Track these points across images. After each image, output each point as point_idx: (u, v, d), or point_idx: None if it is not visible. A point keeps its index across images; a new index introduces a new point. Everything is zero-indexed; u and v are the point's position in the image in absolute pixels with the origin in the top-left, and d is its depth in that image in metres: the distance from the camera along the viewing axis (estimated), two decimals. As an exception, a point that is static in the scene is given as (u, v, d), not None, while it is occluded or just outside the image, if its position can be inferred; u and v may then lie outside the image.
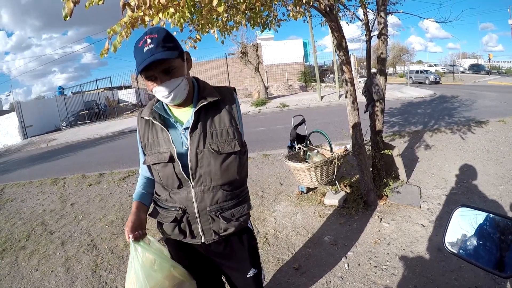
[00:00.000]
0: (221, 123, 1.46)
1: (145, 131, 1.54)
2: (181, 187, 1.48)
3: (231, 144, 1.45)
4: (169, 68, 1.35)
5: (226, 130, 1.46)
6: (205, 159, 1.43)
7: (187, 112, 1.50)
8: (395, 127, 8.91)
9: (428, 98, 16.94)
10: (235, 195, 1.55)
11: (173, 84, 1.36)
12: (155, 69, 1.32)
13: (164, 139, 1.47)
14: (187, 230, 1.54)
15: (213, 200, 1.48)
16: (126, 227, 1.48)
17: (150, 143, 1.52)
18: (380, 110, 4.09)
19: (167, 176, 1.48)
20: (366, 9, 4.29)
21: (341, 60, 3.56)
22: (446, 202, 3.90)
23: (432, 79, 31.70)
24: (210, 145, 1.42)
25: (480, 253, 1.06)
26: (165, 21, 2.50)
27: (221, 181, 1.47)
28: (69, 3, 1.74)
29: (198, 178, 1.45)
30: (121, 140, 13.86)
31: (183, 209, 1.51)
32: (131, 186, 5.87)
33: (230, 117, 1.48)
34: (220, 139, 1.44)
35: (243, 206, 1.59)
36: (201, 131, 1.43)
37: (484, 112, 10.01)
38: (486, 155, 5.50)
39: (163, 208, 1.57)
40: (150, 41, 1.29)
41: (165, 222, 1.56)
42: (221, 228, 1.53)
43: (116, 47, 2.30)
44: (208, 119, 1.46)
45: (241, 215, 1.57)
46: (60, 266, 3.49)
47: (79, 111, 23.23)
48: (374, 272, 2.79)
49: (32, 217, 5.08)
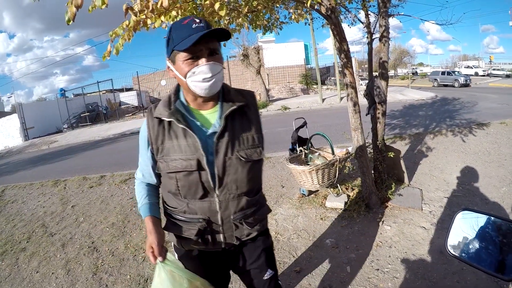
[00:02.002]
0: (246, 129, 1.40)
1: (159, 133, 1.37)
2: (204, 197, 1.38)
3: (256, 151, 1.40)
4: (216, 50, 1.28)
5: (252, 136, 1.40)
6: (233, 166, 1.35)
7: (210, 114, 1.40)
8: (396, 129, 8.90)
9: (430, 100, 16.94)
10: (255, 200, 1.49)
11: (217, 68, 1.27)
12: (205, 45, 1.24)
13: (189, 144, 1.33)
14: (210, 239, 1.46)
15: (237, 208, 1.41)
16: (149, 249, 1.33)
17: (167, 149, 1.36)
18: (381, 113, 4.09)
19: (190, 185, 1.35)
20: (368, 12, 4.29)
21: (343, 63, 3.57)
22: (448, 205, 3.89)
23: (462, 82, 27.58)
24: (238, 152, 1.35)
25: (482, 256, 1.06)
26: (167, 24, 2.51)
27: (246, 189, 1.41)
28: (72, 8, 1.74)
29: (224, 186, 1.36)
30: (122, 142, 13.87)
31: (207, 219, 1.41)
32: (132, 189, 5.86)
33: (254, 123, 1.43)
34: (246, 145, 1.38)
35: (263, 209, 1.56)
36: (229, 137, 1.34)
37: (486, 114, 10.01)
38: (487, 157, 5.49)
39: (183, 221, 1.44)
40: (199, 21, 1.24)
41: (188, 236, 1.43)
42: (244, 234, 1.48)
43: (118, 50, 2.31)
44: (235, 125, 1.37)
45: (263, 218, 1.55)
46: (60, 268, 3.49)
47: (81, 113, 23.26)
48: (376, 275, 2.78)
49: (32, 219, 5.08)
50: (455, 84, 28.05)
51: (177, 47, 1.24)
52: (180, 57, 1.26)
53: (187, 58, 1.25)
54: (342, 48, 3.45)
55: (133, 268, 3.31)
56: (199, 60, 1.25)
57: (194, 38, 1.18)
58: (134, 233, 4.06)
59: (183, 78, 1.29)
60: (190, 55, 1.25)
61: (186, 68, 1.26)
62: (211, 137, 1.34)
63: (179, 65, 1.28)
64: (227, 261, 1.60)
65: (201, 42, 1.21)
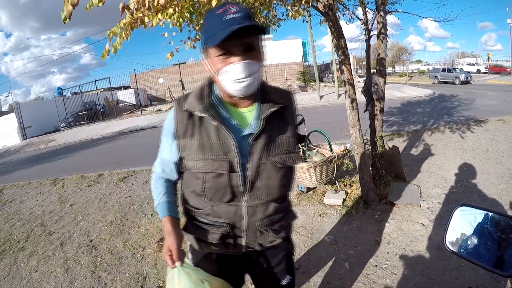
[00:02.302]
0: (283, 132, 1.28)
1: (188, 128, 1.24)
2: (231, 201, 1.27)
3: (291, 157, 1.29)
4: (253, 46, 1.13)
5: (288, 140, 1.29)
6: (266, 172, 1.24)
7: (248, 113, 1.27)
8: (394, 126, 8.92)
9: (428, 97, 16.97)
10: (284, 206, 1.40)
11: (253, 67, 1.12)
12: (239, 40, 1.08)
13: (221, 144, 1.21)
14: (231, 244, 1.37)
15: (265, 214, 1.32)
16: (168, 252, 1.21)
17: (197, 146, 1.23)
18: (379, 110, 4.09)
19: (217, 188, 1.25)
20: (366, 9, 4.29)
21: (340, 60, 3.56)
22: (446, 201, 3.90)
23: (463, 79, 27.45)
24: (273, 157, 1.24)
25: (481, 252, 1.06)
26: (164, 22, 2.50)
27: (276, 195, 1.31)
28: (68, 6, 1.73)
29: (254, 191, 1.26)
30: (120, 140, 13.85)
31: (231, 224, 1.32)
32: (130, 187, 5.86)
33: (291, 126, 1.31)
34: (282, 150, 1.26)
35: (290, 215, 1.47)
36: (265, 140, 1.23)
37: (484, 111, 10.03)
38: (485, 154, 5.51)
39: (205, 223, 1.35)
40: (235, 10, 1.08)
41: (210, 240, 1.34)
42: (268, 241, 1.39)
43: (116, 49, 2.31)
44: (272, 127, 1.25)
45: (288, 225, 1.47)
46: (59, 267, 3.48)
47: (78, 112, 23.21)
48: (374, 272, 2.79)
49: (31, 218, 5.07)
50: (456, 81, 27.81)
51: (207, 42, 1.12)
52: (213, 52, 1.13)
53: (219, 54, 1.11)
54: (340, 45, 3.45)
55: (132, 266, 3.31)
56: (232, 57, 1.11)
57: (224, 34, 1.03)
58: (133, 231, 4.06)
59: (216, 76, 1.16)
60: (222, 51, 1.11)
61: (219, 65, 1.13)
62: (246, 138, 1.22)
63: (212, 60, 1.15)
64: (244, 265, 1.50)
65: (235, 37, 1.05)
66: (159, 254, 3.41)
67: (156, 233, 3.89)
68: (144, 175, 6.45)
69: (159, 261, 3.30)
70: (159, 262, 3.27)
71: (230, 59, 1.10)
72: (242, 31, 1.04)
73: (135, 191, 5.58)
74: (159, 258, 3.35)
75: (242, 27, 1.03)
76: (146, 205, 4.85)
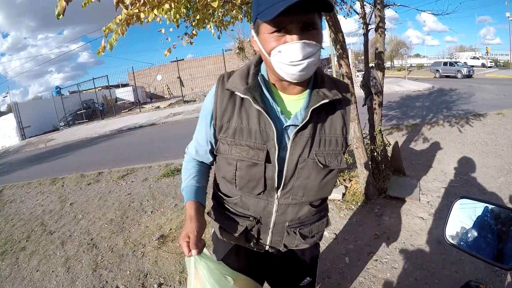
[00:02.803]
0: (331, 129, 1.13)
1: (228, 109, 1.12)
2: (262, 194, 1.17)
3: (338, 158, 1.14)
4: (311, 24, 0.96)
5: (336, 139, 1.14)
6: (306, 170, 1.12)
7: (295, 101, 1.13)
8: (393, 120, 8.91)
9: (427, 91, 16.93)
10: (318, 211, 1.28)
11: (311, 49, 0.96)
12: (298, 16, 0.93)
13: (261, 131, 1.09)
14: (254, 239, 1.28)
15: (296, 216, 1.22)
16: (185, 238, 1.05)
17: (234, 129, 1.12)
18: (378, 104, 4.08)
19: (250, 179, 1.14)
20: (363, 2, 4.27)
21: (338, 54, 3.55)
22: (446, 195, 3.90)
23: (465, 73, 26.63)
24: (316, 155, 1.11)
25: (481, 244, 1.05)
26: (161, 18, 2.49)
27: (313, 198, 1.19)
28: (62, 2, 1.72)
29: (289, 189, 1.15)
30: (119, 138, 13.82)
31: (258, 219, 1.23)
32: (129, 184, 5.86)
33: (342, 123, 1.15)
34: (328, 149, 1.13)
35: (323, 222, 1.33)
36: (310, 134, 1.09)
37: (483, 105, 10.02)
38: (485, 148, 5.51)
39: (231, 213, 1.27)
40: None
41: (233, 231, 1.25)
42: (294, 243, 1.28)
43: (112, 45, 2.29)
44: (320, 121, 1.12)
45: (319, 231, 1.32)
46: (60, 266, 3.48)
47: (77, 111, 23.19)
48: (374, 266, 2.79)
49: (31, 217, 5.07)
50: (458, 75, 27.18)
51: (260, 16, 0.96)
52: (264, 28, 0.98)
53: (272, 31, 0.97)
54: (338, 39, 3.44)
55: (133, 263, 3.31)
56: (288, 35, 0.95)
57: (280, 7, 0.87)
58: (133, 229, 4.06)
59: (267, 56, 1.01)
60: (277, 28, 0.96)
61: (271, 43, 0.98)
62: (288, 129, 1.11)
63: (264, 37, 1.00)
64: (265, 263, 1.42)
65: (293, 11, 0.90)
66: (160, 251, 3.41)
67: (156, 230, 3.89)
68: (143, 173, 6.45)
69: (159, 258, 3.30)
70: (160, 259, 3.27)
71: (285, 38, 0.96)
72: (302, 5, 0.89)
73: (135, 189, 5.57)
74: (159, 255, 3.35)
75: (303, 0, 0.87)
76: (146, 203, 4.85)
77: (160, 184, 5.62)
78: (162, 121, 16.80)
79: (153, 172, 6.39)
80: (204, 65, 26.75)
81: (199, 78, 27.22)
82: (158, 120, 17.21)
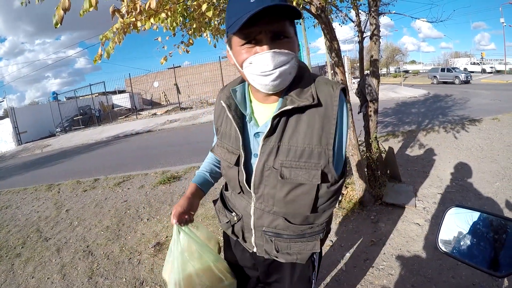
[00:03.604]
0: (306, 138, 1.04)
1: (221, 114, 1.25)
2: (242, 193, 1.24)
3: (309, 172, 1.04)
4: (282, 32, 0.96)
5: (311, 149, 1.04)
6: (271, 179, 1.09)
7: (268, 109, 1.13)
8: (389, 127, 8.95)
9: (422, 97, 17.05)
10: (300, 230, 1.20)
11: (283, 57, 0.95)
12: (266, 26, 0.93)
13: (236, 136, 1.15)
14: (240, 235, 1.35)
15: (272, 224, 1.20)
16: (173, 209, 1.30)
17: (222, 133, 1.24)
18: (373, 111, 4.10)
19: (230, 179, 1.24)
20: (358, 11, 4.31)
21: (334, 62, 3.57)
22: (442, 201, 3.92)
23: (463, 78, 26.91)
24: (281, 165, 1.06)
25: (474, 252, 1.06)
26: (158, 26, 2.50)
27: (284, 210, 1.14)
28: (60, 11, 1.73)
29: (260, 195, 1.15)
30: (115, 145, 13.80)
31: (240, 217, 1.30)
32: (126, 191, 5.85)
33: (320, 132, 1.04)
34: (297, 160, 1.05)
35: (307, 244, 1.22)
36: (276, 142, 1.06)
37: (478, 110, 10.09)
38: (480, 153, 5.54)
39: (224, 207, 1.39)
40: None
41: (221, 220, 1.41)
42: (272, 253, 1.26)
43: (109, 53, 2.30)
44: (290, 128, 1.06)
45: (300, 252, 1.23)
46: (56, 273, 3.46)
47: (73, 117, 23.15)
48: (371, 273, 2.79)
49: (27, 224, 5.04)
50: (456, 81, 27.38)
51: (229, 29, 0.97)
52: (236, 41, 0.99)
53: (243, 44, 0.97)
54: (333, 47, 3.46)
55: (129, 271, 3.29)
56: (257, 46, 0.96)
57: (245, 18, 0.88)
58: (129, 236, 4.05)
59: (241, 68, 1.02)
60: (247, 39, 0.96)
61: (243, 55, 0.99)
62: (258, 137, 1.11)
63: (236, 50, 1.01)
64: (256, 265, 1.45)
65: (261, 21, 0.91)
66: (156, 259, 3.40)
67: (152, 238, 3.88)
68: (139, 180, 6.44)
69: (155, 265, 3.29)
70: (156, 267, 3.26)
71: (255, 49, 0.96)
72: (268, 15, 0.90)
73: (131, 196, 5.56)
74: (155, 262, 3.34)
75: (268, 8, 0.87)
76: (142, 210, 4.84)
77: (156, 192, 5.61)
78: (158, 128, 16.80)
79: (150, 179, 6.38)
80: (201, 72, 26.83)
81: (196, 85, 27.29)
82: (155, 127, 17.20)
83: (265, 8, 0.86)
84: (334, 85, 1.08)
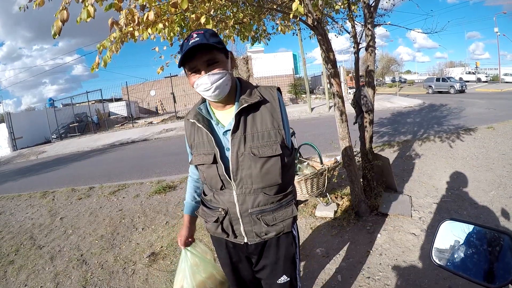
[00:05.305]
0: (262, 125, 1.44)
1: (191, 132, 1.58)
2: (223, 188, 1.50)
3: (272, 147, 1.41)
4: (212, 60, 1.36)
5: (268, 132, 1.43)
6: (246, 162, 1.42)
7: (229, 113, 1.50)
8: (385, 137, 8.98)
9: (418, 107, 17.15)
10: (277, 199, 1.51)
11: (216, 76, 1.36)
12: (199, 59, 1.34)
13: (209, 140, 1.48)
14: (230, 230, 1.56)
15: (254, 203, 1.48)
16: (179, 237, 1.78)
17: (196, 144, 1.55)
18: (369, 121, 4.12)
19: (211, 177, 1.50)
20: (354, 22, 4.34)
21: (329, 73, 3.59)
22: (438, 211, 3.92)
23: (458, 88, 27.31)
24: (250, 148, 1.41)
25: (468, 265, 1.07)
26: (155, 35, 2.52)
27: (261, 184, 1.45)
28: (58, 22, 1.75)
29: (239, 180, 1.45)
30: (111, 153, 13.77)
31: (226, 210, 1.53)
32: (121, 200, 5.82)
33: (271, 119, 1.45)
34: (261, 141, 1.42)
35: (287, 210, 1.54)
36: (242, 133, 1.42)
37: (473, 119, 10.16)
38: (476, 162, 5.57)
39: (208, 208, 1.61)
40: (196, 35, 1.33)
41: (209, 222, 1.60)
42: (263, 231, 1.52)
43: (106, 62, 2.31)
44: (249, 121, 1.44)
45: (284, 219, 1.53)
46: (49, 281, 3.43)
47: (70, 124, 23.08)
48: (367, 283, 2.78)
49: (20, 231, 5.00)
50: (451, 90, 27.59)
51: (179, 63, 1.39)
52: (186, 70, 1.40)
53: (190, 72, 1.39)
54: (329, 58, 3.49)
55: (123, 281, 3.27)
56: (197, 73, 1.37)
57: (187, 48, 1.29)
58: (124, 246, 4.02)
59: (194, 88, 1.41)
60: (191, 69, 1.38)
61: (192, 80, 1.39)
62: (227, 135, 1.45)
63: (188, 76, 1.41)
64: (249, 259, 1.68)
65: (196, 56, 1.33)
66: (150, 269, 3.38)
67: (147, 248, 3.86)
68: (135, 189, 6.42)
69: (150, 276, 3.27)
70: (150, 277, 3.24)
71: (197, 75, 1.37)
72: (201, 49, 1.32)
73: (126, 205, 5.53)
74: (150, 273, 3.32)
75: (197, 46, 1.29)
76: (137, 219, 4.82)
77: (151, 201, 5.59)
78: (154, 137, 16.80)
79: (145, 189, 6.36)
80: (197, 81, 26.87)
81: (193, 94, 27.25)
82: (151, 135, 17.20)
83: (194, 47, 1.28)
84: (271, 88, 1.54)
